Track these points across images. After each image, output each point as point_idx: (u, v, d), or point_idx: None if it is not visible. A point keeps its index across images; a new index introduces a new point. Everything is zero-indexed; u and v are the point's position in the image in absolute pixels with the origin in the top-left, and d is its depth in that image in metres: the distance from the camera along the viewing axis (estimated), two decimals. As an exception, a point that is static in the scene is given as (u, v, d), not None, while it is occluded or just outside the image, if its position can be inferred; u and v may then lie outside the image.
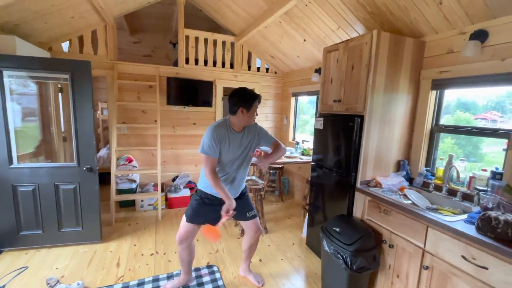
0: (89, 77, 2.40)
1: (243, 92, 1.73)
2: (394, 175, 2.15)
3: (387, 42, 1.96)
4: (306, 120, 4.64)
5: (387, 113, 2.09)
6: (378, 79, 1.99)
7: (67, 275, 2.15)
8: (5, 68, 2.22)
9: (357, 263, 1.71)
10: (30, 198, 2.41)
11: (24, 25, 2.60)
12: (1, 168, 2.30)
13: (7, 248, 2.43)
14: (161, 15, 4.68)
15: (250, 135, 1.85)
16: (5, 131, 2.27)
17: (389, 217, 1.82)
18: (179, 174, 4.07)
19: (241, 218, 2.01)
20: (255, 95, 1.75)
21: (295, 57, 3.81)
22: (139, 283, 2.09)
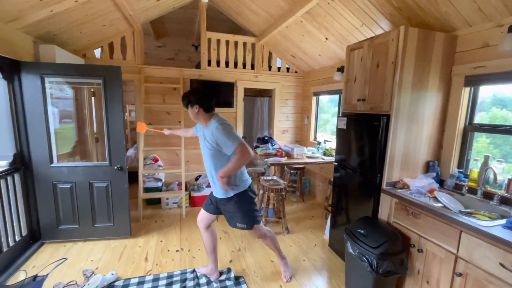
0: (119, 82, 2.54)
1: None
2: (423, 176, 2.06)
3: (415, 38, 1.88)
4: (326, 119, 4.57)
5: (415, 112, 2.01)
6: (406, 76, 1.91)
7: (101, 267, 2.30)
8: (47, 75, 2.42)
9: (383, 267, 1.67)
10: (68, 195, 2.60)
11: (62, 35, 2.81)
12: (43, 167, 2.50)
13: (48, 240, 2.64)
14: (184, 19, 4.84)
15: (208, 131, 1.88)
16: (46, 132, 2.47)
17: (418, 221, 1.75)
18: (201, 174, 4.18)
19: (232, 226, 2.02)
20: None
21: (316, 56, 3.76)
22: (168, 276, 2.20)
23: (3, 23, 2.08)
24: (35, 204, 2.54)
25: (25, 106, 2.40)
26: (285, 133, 4.69)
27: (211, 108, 1.90)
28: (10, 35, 2.18)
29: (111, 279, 2.10)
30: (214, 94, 2.03)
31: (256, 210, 2.02)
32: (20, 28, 2.28)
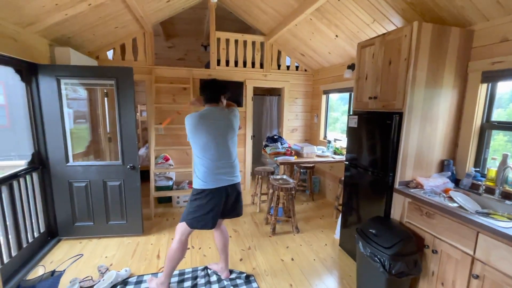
0: (131, 82, 2.59)
1: (220, 82, 2.01)
2: (437, 175, 2.01)
3: (429, 34, 1.83)
4: (336, 118, 4.52)
5: (429, 110, 1.96)
6: (419, 73, 1.87)
7: (115, 264, 2.36)
8: (62, 77, 2.49)
9: (396, 268, 1.64)
10: (83, 193, 2.68)
11: (76, 37, 2.89)
12: (60, 166, 2.59)
13: (64, 237, 2.73)
14: (193, 19, 4.88)
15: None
16: (62, 133, 2.55)
17: (432, 221, 1.71)
18: (211, 173, 4.21)
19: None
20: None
21: (326, 53, 3.72)
22: (180, 273, 2.23)
23: (21, 27, 2.16)
24: (52, 202, 2.63)
25: (42, 107, 2.48)
26: (294, 132, 4.66)
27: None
28: (27, 39, 2.26)
29: (125, 276, 2.16)
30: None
31: None
32: (37, 32, 2.36)
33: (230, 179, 1.92)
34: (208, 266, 2.31)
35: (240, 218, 3.40)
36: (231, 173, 1.93)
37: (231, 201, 1.98)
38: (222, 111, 1.94)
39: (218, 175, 1.87)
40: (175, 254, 1.91)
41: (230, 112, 1.98)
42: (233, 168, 1.94)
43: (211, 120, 1.86)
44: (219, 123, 1.88)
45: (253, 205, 3.85)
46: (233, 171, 1.94)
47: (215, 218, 1.90)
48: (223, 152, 1.89)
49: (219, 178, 1.87)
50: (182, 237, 1.92)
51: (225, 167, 1.90)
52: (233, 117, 1.97)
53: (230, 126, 1.93)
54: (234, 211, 2.04)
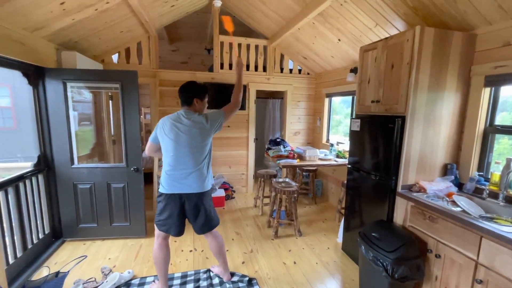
0: (136, 86, 2.63)
1: (195, 84, 1.95)
2: (440, 179, 2.00)
3: (432, 38, 1.84)
4: (339, 121, 4.52)
5: (432, 114, 1.96)
6: (422, 77, 1.87)
7: (118, 265, 2.37)
8: (68, 80, 2.54)
9: (399, 272, 1.63)
10: (87, 195, 2.71)
11: (83, 41, 2.94)
12: (65, 168, 2.62)
13: (68, 238, 2.76)
14: (197, 23, 4.93)
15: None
16: (68, 135, 2.59)
17: (435, 225, 1.70)
18: (214, 175, 4.23)
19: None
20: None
21: (329, 57, 3.73)
22: (183, 275, 2.25)
23: (29, 32, 2.21)
24: (57, 204, 2.66)
25: (49, 110, 2.53)
26: (297, 135, 4.67)
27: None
28: (35, 43, 2.31)
29: (128, 277, 2.17)
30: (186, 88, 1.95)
31: None
32: (44, 37, 2.41)
33: (184, 187, 1.81)
34: (211, 268, 2.32)
35: (243, 220, 3.41)
36: (187, 182, 1.80)
37: (190, 212, 1.87)
38: (191, 115, 1.84)
39: (173, 181, 1.81)
40: (155, 255, 1.93)
41: (202, 117, 1.84)
42: (191, 176, 1.81)
43: (175, 125, 1.81)
44: (183, 129, 1.80)
45: (256, 208, 3.85)
46: (191, 180, 1.81)
47: (177, 225, 1.86)
48: (181, 160, 1.80)
49: (173, 185, 1.81)
50: (158, 239, 1.93)
51: (182, 175, 1.80)
52: (202, 124, 1.82)
53: (195, 133, 1.80)
54: (195, 224, 1.91)
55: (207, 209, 1.90)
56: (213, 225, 1.96)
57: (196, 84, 1.94)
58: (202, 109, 1.96)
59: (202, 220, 1.90)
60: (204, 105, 1.98)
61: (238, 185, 4.50)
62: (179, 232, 1.90)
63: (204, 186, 1.87)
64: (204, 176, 1.87)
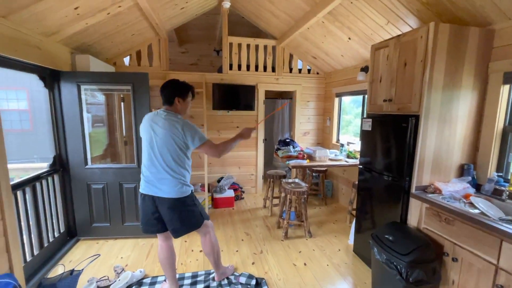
0: (147, 88, 2.67)
1: (177, 82, 1.85)
2: (456, 180, 1.94)
3: (447, 34, 1.78)
4: (349, 121, 4.45)
5: (447, 112, 1.90)
6: (436, 75, 1.82)
7: (130, 264, 2.41)
8: (82, 83, 2.60)
9: (413, 275, 1.59)
10: (100, 195, 2.77)
11: (95, 45, 3.02)
12: (79, 169, 2.69)
13: (82, 237, 2.83)
14: (206, 25, 4.97)
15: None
16: (82, 136, 2.65)
17: (451, 227, 1.64)
18: (223, 176, 4.25)
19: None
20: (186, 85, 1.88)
21: (339, 56, 3.69)
22: (193, 275, 2.26)
23: (45, 36, 2.28)
24: (71, 203, 2.73)
25: (64, 112, 2.60)
26: (306, 135, 4.63)
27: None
28: (51, 47, 2.38)
29: (140, 276, 2.20)
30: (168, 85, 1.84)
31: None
32: (59, 41, 2.48)
33: (157, 191, 1.74)
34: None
35: (252, 221, 3.40)
36: (159, 186, 1.73)
37: (163, 216, 1.79)
38: (170, 117, 1.73)
39: (147, 182, 1.77)
40: (158, 256, 1.96)
41: (179, 123, 1.71)
42: (164, 181, 1.72)
43: (151, 125, 1.75)
44: (157, 131, 1.72)
45: (265, 208, 3.84)
46: (163, 184, 1.72)
47: (154, 223, 1.82)
48: (154, 162, 1.74)
49: (147, 186, 1.77)
50: (158, 240, 1.95)
51: (154, 178, 1.74)
52: (176, 130, 1.69)
53: (170, 137, 1.70)
54: (169, 227, 1.82)
55: (180, 217, 1.77)
56: (189, 229, 1.84)
57: (178, 82, 1.84)
58: (185, 109, 1.86)
59: (173, 226, 1.80)
60: (187, 104, 1.87)
61: (247, 185, 4.50)
62: (159, 229, 1.85)
63: (178, 192, 1.74)
64: (178, 182, 1.74)
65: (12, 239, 1.82)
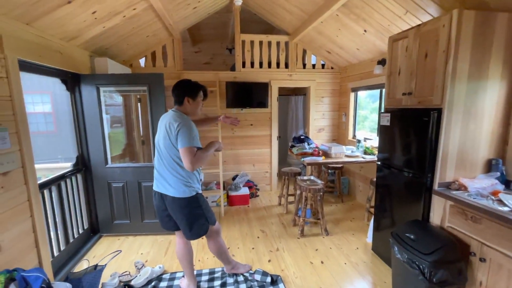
0: (162, 88, 2.72)
1: (187, 82, 1.85)
2: (483, 176, 1.83)
3: (472, 22, 1.68)
4: (365, 116, 4.33)
5: (473, 105, 1.79)
6: (460, 66, 1.72)
7: (150, 260, 2.48)
8: (101, 85, 2.69)
9: (437, 276, 1.52)
10: (120, 193, 2.86)
11: (113, 48, 3.10)
12: (100, 168, 2.79)
13: (105, 234, 2.94)
14: (218, 24, 4.99)
15: None
16: (102, 137, 2.75)
17: (478, 226, 1.56)
18: (238, 173, 4.27)
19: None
20: (197, 85, 1.86)
21: (354, 50, 3.58)
22: (210, 272, 2.30)
23: (66, 41, 2.37)
24: (94, 201, 2.85)
25: (85, 113, 2.70)
26: (321, 132, 4.56)
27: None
28: (71, 51, 2.47)
29: (159, 272, 2.26)
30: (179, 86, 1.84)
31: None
32: (79, 45, 2.58)
33: (162, 188, 1.79)
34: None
35: (268, 218, 3.40)
36: (164, 184, 1.78)
37: (172, 215, 1.83)
38: (176, 117, 1.72)
39: (156, 179, 1.84)
40: (176, 252, 2.03)
41: (177, 126, 1.67)
42: (166, 178, 1.76)
43: (160, 123, 1.81)
44: (162, 129, 1.75)
45: (280, 206, 3.82)
46: (166, 181, 1.76)
47: (161, 221, 1.90)
48: (160, 160, 1.79)
49: (155, 183, 1.85)
50: (176, 237, 2.01)
51: (160, 175, 1.80)
52: (172, 130, 1.68)
53: (167, 134, 1.71)
54: (180, 227, 1.86)
55: (186, 219, 1.78)
56: (195, 236, 1.83)
57: (188, 82, 1.85)
58: (195, 109, 1.85)
59: (182, 227, 1.84)
60: (197, 105, 1.85)
61: (262, 183, 4.50)
62: (171, 227, 1.89)
63: (181, 192, 1.74)
64: (181, 183, 1.74)
65: (40, 236, 1.92)
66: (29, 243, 1.85)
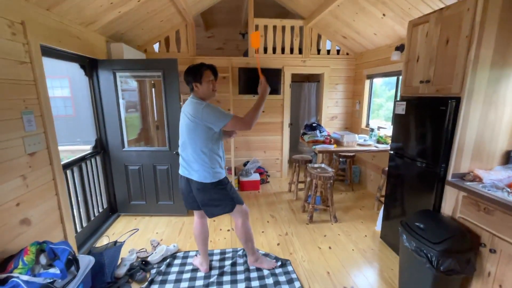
0: (176, 73, 2.75)
1: (190, 69, 1.84)
2: (500, 168, 1.79)
3: (499, 5, 1.58)
4: (380, 104, 4.22)
5: (494, 94, 1.72)
6: (484, 52, 1.64)
7: (164, 239, 2.62)
8: (118, 70, 2.75)
9: (445, 265, 1.53)
10: (137, 175, 2.99)
11: (128, 33, 3.14)
12: (117, 151, 2.91)
13: (122, 213, 3.11)
14: (231, 8, 4.89)
15: None
16: (119, 121, 2.84)
17: (491, 217, 1.54)
18: (249, 160, 4.33)
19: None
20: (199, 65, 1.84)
21: (371, 35, 3.46)
22: (221, 252, 2.41)
23: (84, 27, 2.42)
24: (112, 182, 2.99)
25: (102, 98, 2.79)
26: (334, 120, 4.50)
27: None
28: (88, 37, 2.53)
29: (173, 250, 2.39)
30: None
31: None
32: (96, 30, 2.62)
33: (187, 173, 1.86)
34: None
35: (277, 204, 3.47)
36: (188, 169, 1.85)
37: (196, 196, 1.90)
38: (193, 101, 1.78)
39: (181, 164, 1.92)
40: (193, 231, 2.12)
41: (198, 108, 1.72)
42: (188, 163, 1.84)
43: (183, 111, 1.85)
44: (183, 116, 1.83)
45: (290, 192, 3.88)
46: (189, 165, 1.84)
47: (187, 202, 1.99)
48: (183, 145, 1.85)
49: (181, 168, 1.92)
50: (195, 217, 2.10)
51: (185, 161, 1.87)
52: (194, 113, 1.72)
53: (190, 121, 1.75)
54: (202, 207, 1.93)
55: (210, 198, 1.86)
56: (220, 211, 1.91)
57: (189, 68, 1.84)
58: (206, 92, 1.82)
59: (205, 206, 1.91)
60: (207, 86, 1.81)
61: (272, 169, 4.55)
62: (188, 207, 2.01)
63: (206, 177, 1.80)
64: (205, 168, 1.79)
65: (65, 212, 2.06)
66: (55, 219, 1.99)
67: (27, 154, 1.72)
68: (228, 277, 2.09)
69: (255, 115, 1.81)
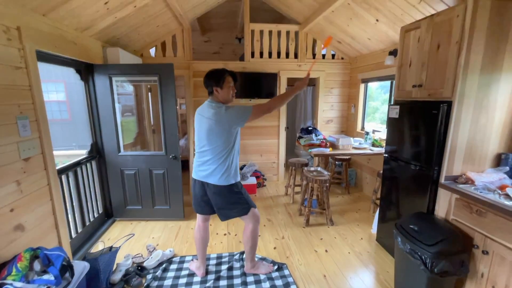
0: (172, 78, 2.77)
1: (211, 73, 1.87)
2: (492, 170, 1.82)
3: (487, 11, 1.63)
4: (375, 107, 4.27)
5: (485, 98, 1.76)
6: (473, 57, 1.68)
7: (161, 244, 2.60)
8: (114, 75, 2.76)
9: (439, 266, 1.55)
10: (133, 180, 2.98)
11: (124, 38, 3.15)
12: (113, 155, 2.90)
13: (118, 218, 3.09)
14: (228, 13, 4.94)
15: None
16: (114, 125, 2.84)
17: (483, 219, 1.57)
18: (246, 163, 4.34)
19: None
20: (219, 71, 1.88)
21: (365, 40, 3.51)
22: (218, 256, 2.41)
23: (80, 32, 2.43)
24: (107, 187, 2.98)
25: (98, 103, 2.79)
26: (329, 123, 4.54)
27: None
28: (85, 41, 2.53)
29: (170, 255, 2.38)
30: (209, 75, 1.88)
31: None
32: (92, 35, 2.63)
33: (202, 176, 1.88)
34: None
35: (274, 208, 3.47)
36: (204, 170, 1.86)
37: (211, 200, 1.92)
38: (212, 105, 1.81)
39: (195, 167, 1.93)
40: (194, 235, 2.13)
41: (221, 110, 1.76)
42: (206, 167, 1.84)
43: (199, 114, 1.87)
44: (203, 119, 1.82)
45: (287, 196, 3.88)
46: (206, 169, 1.85)
47: (199, 205, 2.00)
48: (201, 148, 1.86)
49: (195, 172, 1.93)
50: (197, 220, 2.10)
51: (200, 163, 1.88)
52: (218, 116, 1.75)
53: (211, 125, 1.77)
54: (217, 210, 1.95)
55: (227, 201, 1.88)
56: (236, 214, 1.93)
57: (212, 72, 1.86)
58: (226, 96, 1.84)
59: (221, 209, 1.92)
60: (227, 91, 1.84)
61: (269, 173, 4.56)
62: (205, 211, 2.01)
63: (223, 180, 1.82)
64: (222, 172, 1.82)
65: (60, 218, 2.05)
66: (50, 225, 1.98)
67: (21, 159, 1.71)
68: (224, 281, 2.08)
69: (280, 102, 1.91)
